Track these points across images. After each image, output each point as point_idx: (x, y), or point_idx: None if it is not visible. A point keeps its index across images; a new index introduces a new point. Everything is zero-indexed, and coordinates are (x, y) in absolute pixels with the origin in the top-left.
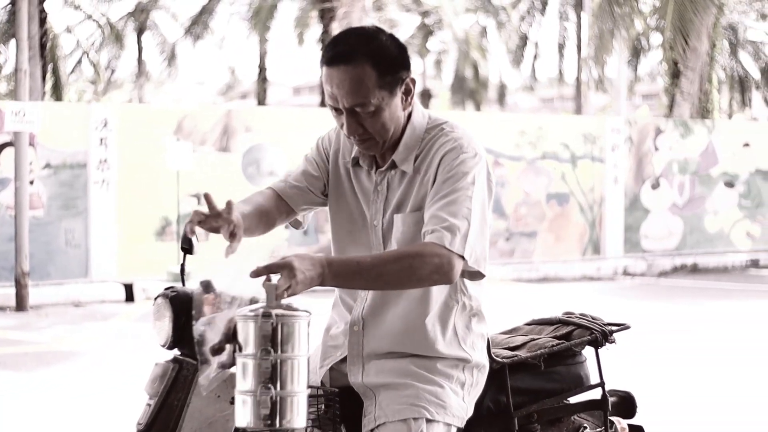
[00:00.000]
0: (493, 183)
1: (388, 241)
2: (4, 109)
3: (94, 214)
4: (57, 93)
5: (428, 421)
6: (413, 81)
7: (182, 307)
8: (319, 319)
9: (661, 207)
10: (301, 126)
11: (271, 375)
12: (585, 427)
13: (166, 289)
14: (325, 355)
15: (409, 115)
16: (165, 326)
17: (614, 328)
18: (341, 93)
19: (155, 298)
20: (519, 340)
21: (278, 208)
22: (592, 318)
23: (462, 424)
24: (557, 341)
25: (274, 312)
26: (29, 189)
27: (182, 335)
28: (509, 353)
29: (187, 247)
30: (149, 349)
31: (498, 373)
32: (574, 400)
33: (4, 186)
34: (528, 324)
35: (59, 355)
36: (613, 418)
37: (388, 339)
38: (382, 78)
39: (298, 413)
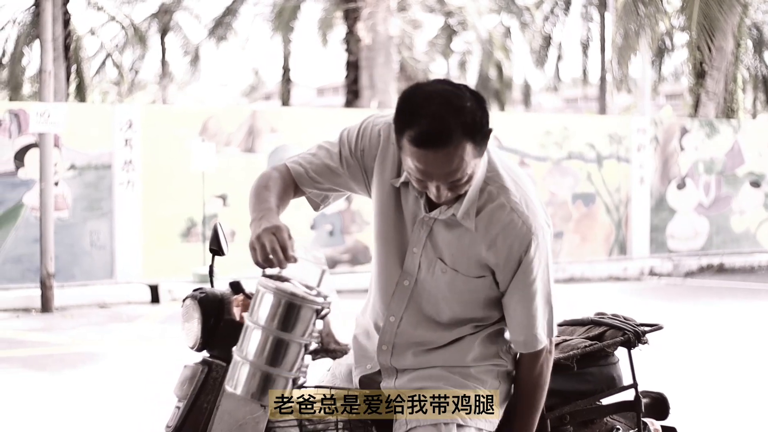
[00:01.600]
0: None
1: (423, 274)
2: (28, 110)
3: (119, 215)
4: (81, 94)
5: (459, 426)
6: (491, 129)
7: (211, 309)
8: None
9: (687, 207)
10: (326, 126)
11: (274, 351)
12: (618, 429)
13: (195, 290)
14: (358, 363)
15: None
16: (194, 328)
17: (647, 328)
18: (439, 173)
19: (183, 300)
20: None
21: (293, 190)
22: (625, 318)
23: (493, 428)
24: (590, 342)
25: (290, 291)
26: (54, 190)
27: (211, 337)
28: None
29: (216, 249)
30: (175, 350)
31: None
32: (606, 401)
33: (29, 187)
34: (560, 325)
35: (84, 356)
36: (646, 420)
37: (420, 358)
38: (476, 148)
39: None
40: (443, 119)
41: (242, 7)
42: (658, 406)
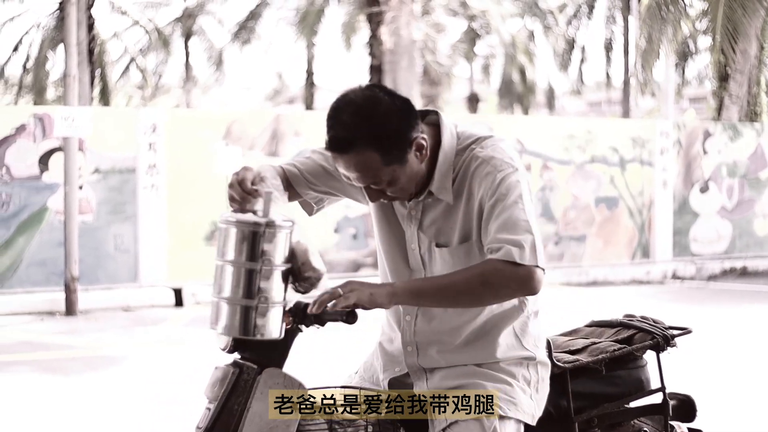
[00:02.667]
0: (531, 188)
1: (428, 268)
2: (53, 114)
3: (143, 218)
4: (105, 99)
5: (500, 417)
6: (422, 138)
7: None
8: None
9: (710, 210)
10: None
11: (247, 283)
12: (645, 430)
13: None
14: (385, 368)
15: (438, 141)
16: None
17: (676, 332)
18: (350, 175)
19: None
20: (580, 343)
21: (286, 188)
22: (654, 321)
23: (533, 422)
24: (618, 346)
25: (251, 221)
26: (78, 194)
27: (243, 339)
28: (570, 357)
29: None
30: (198, 353)
31: (559, 377)
32: (634, 403)
33: (53, 191)
34: (588, 326)
35: (108, 359)
36: (674, 423)
37: (447, 355)
38: (386, 156)
39: (272, 324)
40: (348, 128)
41: (266, 11)
42: (685, 408)
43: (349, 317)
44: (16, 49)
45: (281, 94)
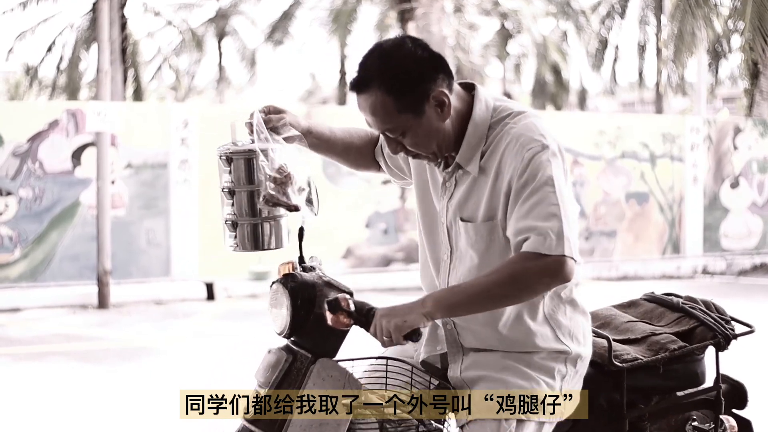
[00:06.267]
0: (567, 167)
1: (454, 242)
2: (85, 109)
3: (175, 213)
4: (138, 98)
5: (519, 421)
6: (443, 93)
7: (302, 299)
8: None
9: (741, 206)
10: None
11: (249, 204)
12: (694, 419)
13: (285, 275)
14: (428, 342)
15: (470, 110)
16: (282, 314)
17: (738, 331)
18: (367, 119)
19: (271, 284)
20: (638, 330)
21: (369, 153)
22: (717, 310)
23: (561, 418)
24: (680, 344)
25: (249, 148)
26: (111, 189)
27: (300, 327)
28: (629, 355)
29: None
30: (229, 346)
31: (616, 374)
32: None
33: (86, 186)
34: (648, 300)
35: (140, 351)
36: (723, 417)
37: (482, 336)
38: (399, 101)
39: (272, 236)
40: (368, 68)
41: (299, 12)
42: (737, 394)
43: (413, 335)
44: (49, 49)
45: (314, 94)
